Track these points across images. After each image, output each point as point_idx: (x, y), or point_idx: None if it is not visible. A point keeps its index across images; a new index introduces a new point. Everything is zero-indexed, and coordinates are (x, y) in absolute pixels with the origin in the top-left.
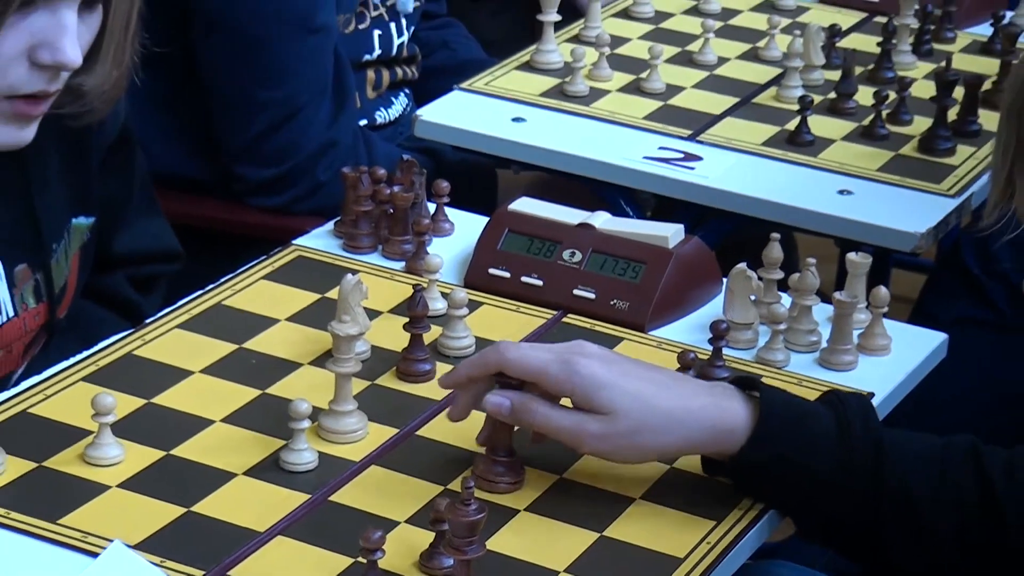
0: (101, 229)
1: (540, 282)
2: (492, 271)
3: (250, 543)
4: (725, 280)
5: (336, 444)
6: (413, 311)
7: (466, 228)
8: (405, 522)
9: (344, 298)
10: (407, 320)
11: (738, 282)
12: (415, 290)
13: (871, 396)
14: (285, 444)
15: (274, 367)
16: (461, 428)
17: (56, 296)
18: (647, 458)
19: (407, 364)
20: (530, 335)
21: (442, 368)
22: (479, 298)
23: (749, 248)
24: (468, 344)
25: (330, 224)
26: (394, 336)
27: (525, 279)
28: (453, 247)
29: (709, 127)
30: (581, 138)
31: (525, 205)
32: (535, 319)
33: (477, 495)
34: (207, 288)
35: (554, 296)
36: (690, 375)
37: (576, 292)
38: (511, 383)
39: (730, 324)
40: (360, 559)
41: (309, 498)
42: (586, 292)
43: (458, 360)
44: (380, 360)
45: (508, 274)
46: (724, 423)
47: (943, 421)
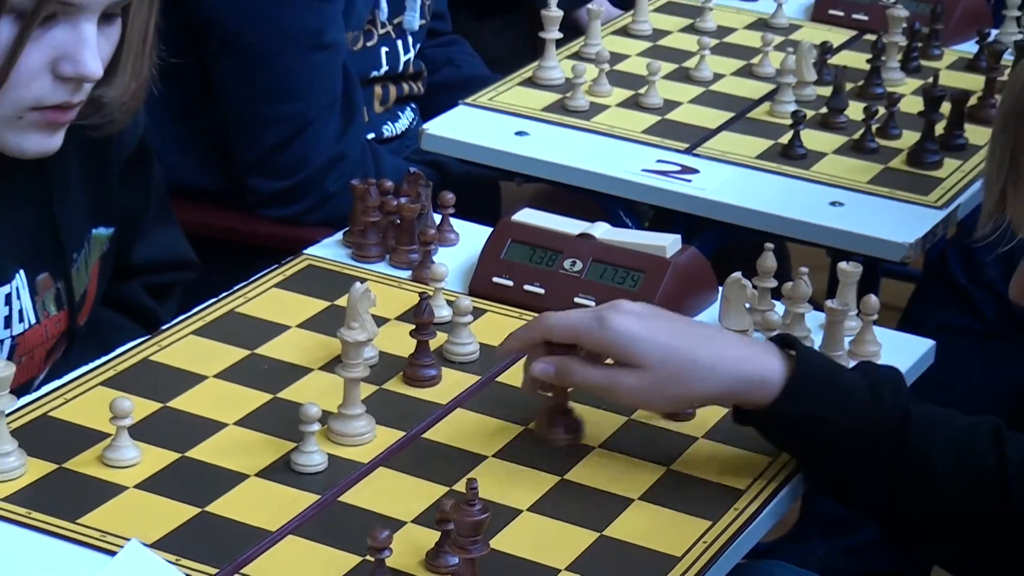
0: (119, 239)
1: (542, 290)
2: (496, 280)
3: (262, 542)
4: (721, 288)
5: (345, 446)
6: (419, 318)
7: (470, 238)
8: (412, 522)
9: (353, 305)
10: (413, 327)
11: (733, 290)
12: (421, 298)
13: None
14: (296, 446)
15: (285, 372)
16: (466, 431)
17: (76, 304)
18: (682, 406)
19: (413, 369)
20: None
21: (447, 373)
22: (483, 306)
23: (744, 257)
24: (472, 350)
25: (339, 234)
26: (401, 342)
27: (528, 287)
28: (458, 256)
29: (705, 141)
30: (582, 151)
31: (527, 216)
32: None
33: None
34: (221, 296)
35: (556, 304)
36: None
37: (577, 300)
38: (559, 349)
39: None
40: (368, 557)
41: (319, 499)
42: (587, 300)
43: (463, 365)
44: (387, 365)
45: (511, 283)
46: (757, 374)
47: None
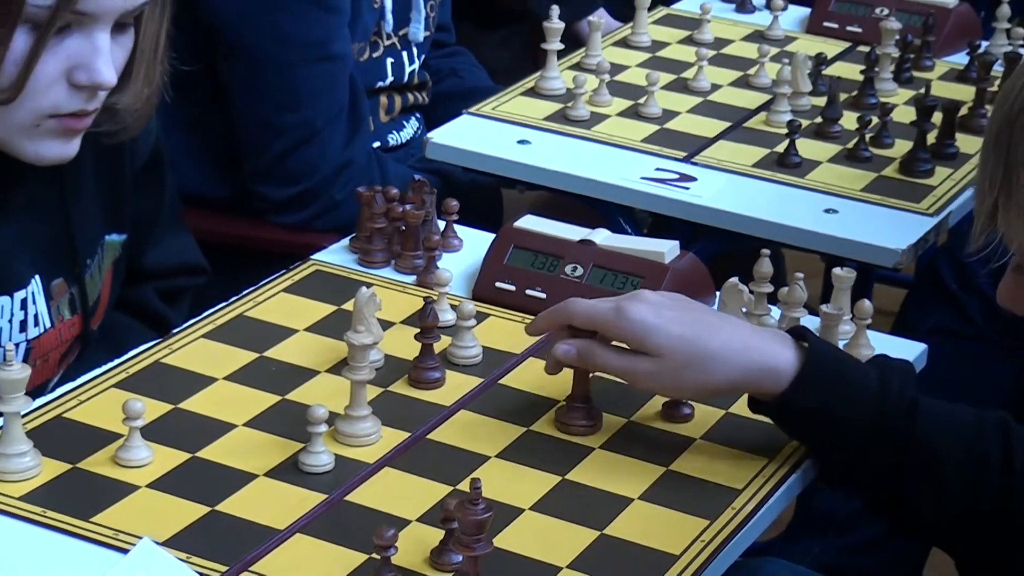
0: (132, 244)
1: (544, 295)
2: (499, 284)
3: (271, 540)
4: (718, 293)
5: (351, 447)
6: (424, 322)
7: (474, 244)
8: (416, 520)
9: (359, 310)
10: (418, 331)
11: (730, 295)
12: (426, 302)
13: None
14: (303, 447)
15: (293, 374)
16: (469, 432)
17: (90, 308)
18: (696, 394)
19: (418, 372)
20: (533, 345)
21: (451, 376)
22: (486, 310)
23: (740, 263)
24: (476, 353)
25: (346, 240)
26: (406, 346)
27: (530, 292)
28: (462, 262)
29: (703, 150)
30: (582, 160)
31: (530, 222)
32: None
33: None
34: (230, 300)
35: None
36: None
37: None
38: (582, 333)
39: None
40: (374, 555)
41: (326, 498)
42: None
43: (466, 368)
44: (393, 368)
45: (514, 287)
46: (769, 364)
47: None
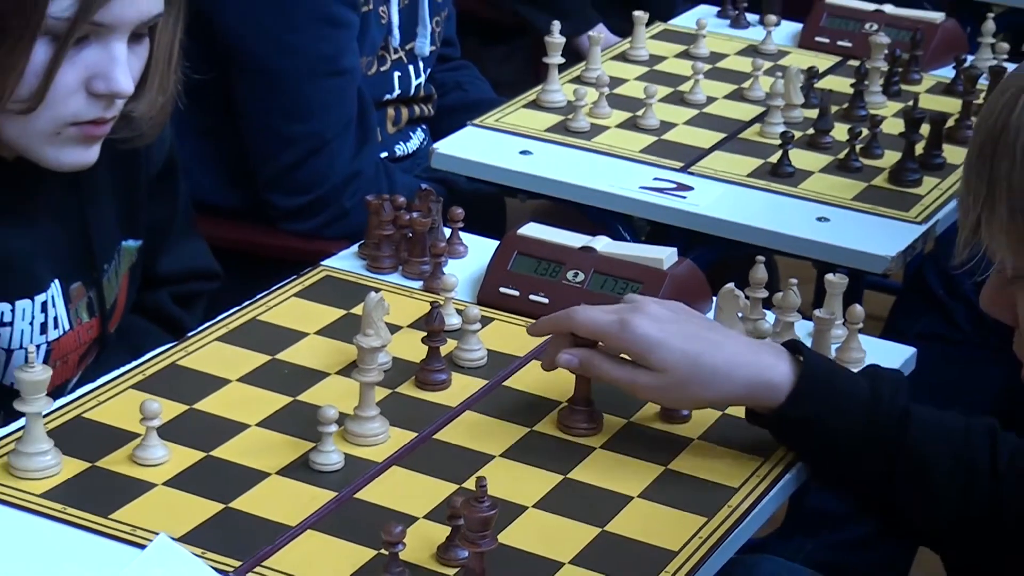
0: (147, 251)
1: (546, 300)
2: (502, 290)
3: (282, 536)
4: (715, 299)
5: (360, 446)
6: (430, 326)
7: (478, 251)
8: (423, 518)
9: (368, 314)
10: (425, 334)
11: (726, 300)
12: (432, 307)
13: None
14: (314, 446)
15: (304, 376)
16: (474, 432)
17: (107, 312)
18: (696, 406)
19: (425, 374)
20: (536, 348)
21: (457, 378)
22: (491, 314)
23: (736, 269)
24: (481, 356)
25: (355, 247)
26: (413, 349)
27: (533, 297)
28: (467, 268)
29: (699, 160)
30: (583, 170)
31: (532, 230)
32: None
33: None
34: (243, 305)
35: None
36: None
37: None
38: (584, 341)
39: None
40: (382, 551)
41: (336, 495)
42: None
43: (472, 370)
44: (400, 370)
45: (517, 292)
46: (766, 379)
47: None
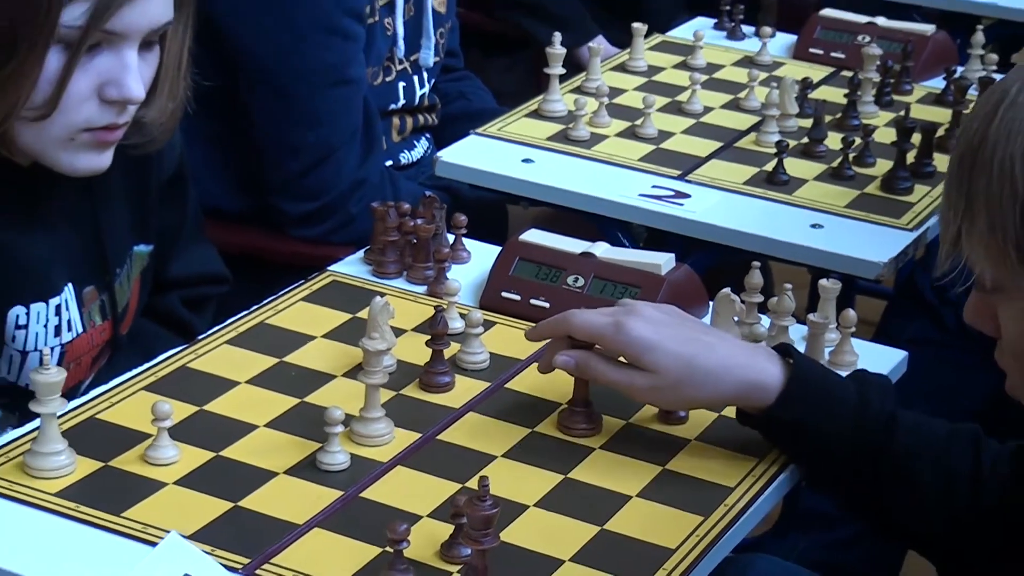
0: (157, 255)
1: (547, 304)
2: (504, 294)
3: (290, 534)
4: (712, 303)
5: (366, 447)
6: (434, 329)
7: (481, 256)
8: (427, 516)
9: (373, 318)
10: (429, 337)
11: (723, 305)
12: (436, 311)
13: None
14: (321, 447)
15: (311, 378)
16: (477, 433)
17: (119, 315)
18: (689, 407)
19: (429, 376)
20: (537, 352)
21: (460, 380)
22: (493, 318)
23: (732, 275)
24: (483, 359)
25: (361, 252)
26: (417, 352)
27: (534, 302)
28: (470, 273)
29: (696, 168)
30: (583, 177)
31: (534, 236)
32: None
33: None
34: (252, 309)
35: None
36: None
37: None
38: (581, 343)
39: None
40: (387, 549)
41: (342, 495)
42: None
43: (474, 373)
44: (405, 373)
45: (519, 297)
46: (758, 381)
47: None
